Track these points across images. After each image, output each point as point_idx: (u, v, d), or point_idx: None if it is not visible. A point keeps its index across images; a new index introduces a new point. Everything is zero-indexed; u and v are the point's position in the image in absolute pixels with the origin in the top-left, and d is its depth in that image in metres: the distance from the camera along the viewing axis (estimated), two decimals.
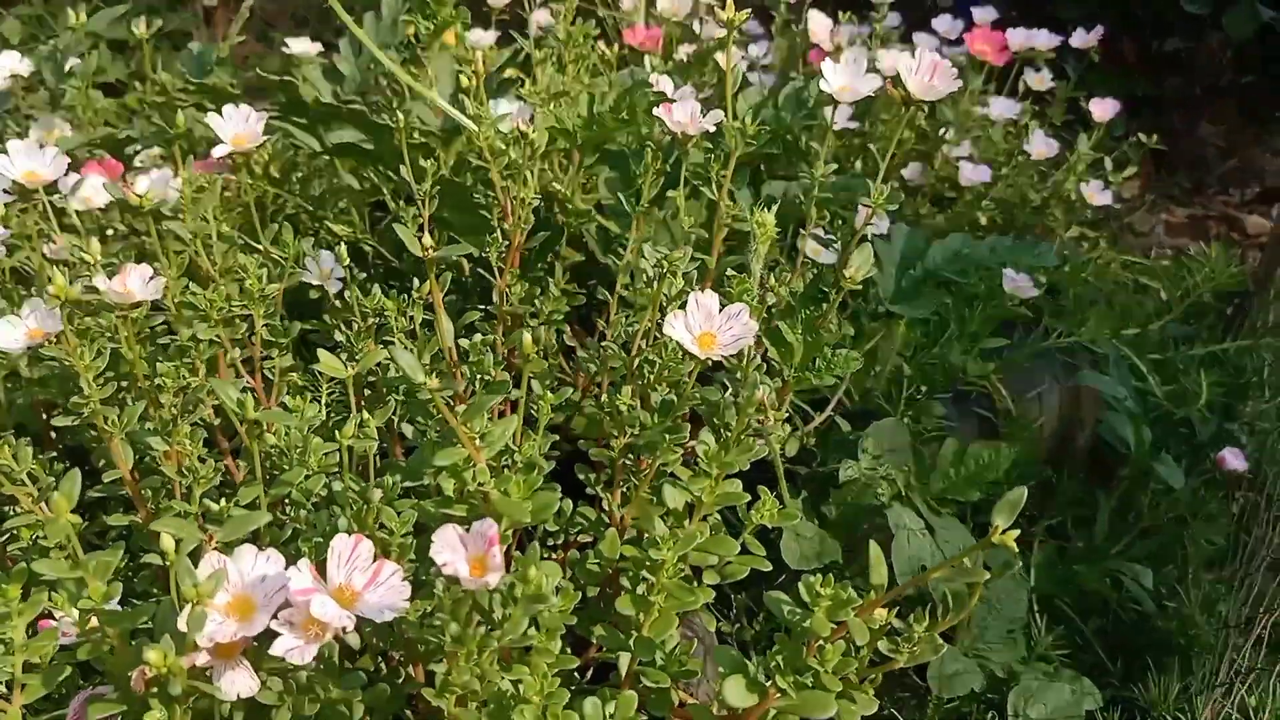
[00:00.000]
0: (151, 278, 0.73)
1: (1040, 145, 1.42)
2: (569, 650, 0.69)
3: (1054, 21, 2.49)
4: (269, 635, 0.52)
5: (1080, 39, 1.56)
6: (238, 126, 0.82)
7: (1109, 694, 1.08)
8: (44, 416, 0.97)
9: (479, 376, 0.75)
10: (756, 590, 1.02)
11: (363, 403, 0.89)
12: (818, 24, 1.40)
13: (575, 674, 0.75)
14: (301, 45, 1.32)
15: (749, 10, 0.85)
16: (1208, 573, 1.23)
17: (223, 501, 0.67)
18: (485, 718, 0.56)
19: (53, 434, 0.99)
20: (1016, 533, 0.55)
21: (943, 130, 1.36)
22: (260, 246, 0.94)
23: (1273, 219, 2.37)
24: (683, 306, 0.66)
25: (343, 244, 0.84)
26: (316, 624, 0.51)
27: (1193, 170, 2.69)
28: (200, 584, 0.48)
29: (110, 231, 1.27)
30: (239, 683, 0.53)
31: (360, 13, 1.52)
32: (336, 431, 0.67)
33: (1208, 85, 2.65)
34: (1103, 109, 1.47)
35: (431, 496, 0.65)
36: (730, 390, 0.71)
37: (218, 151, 0.81)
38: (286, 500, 0.73)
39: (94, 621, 0.54)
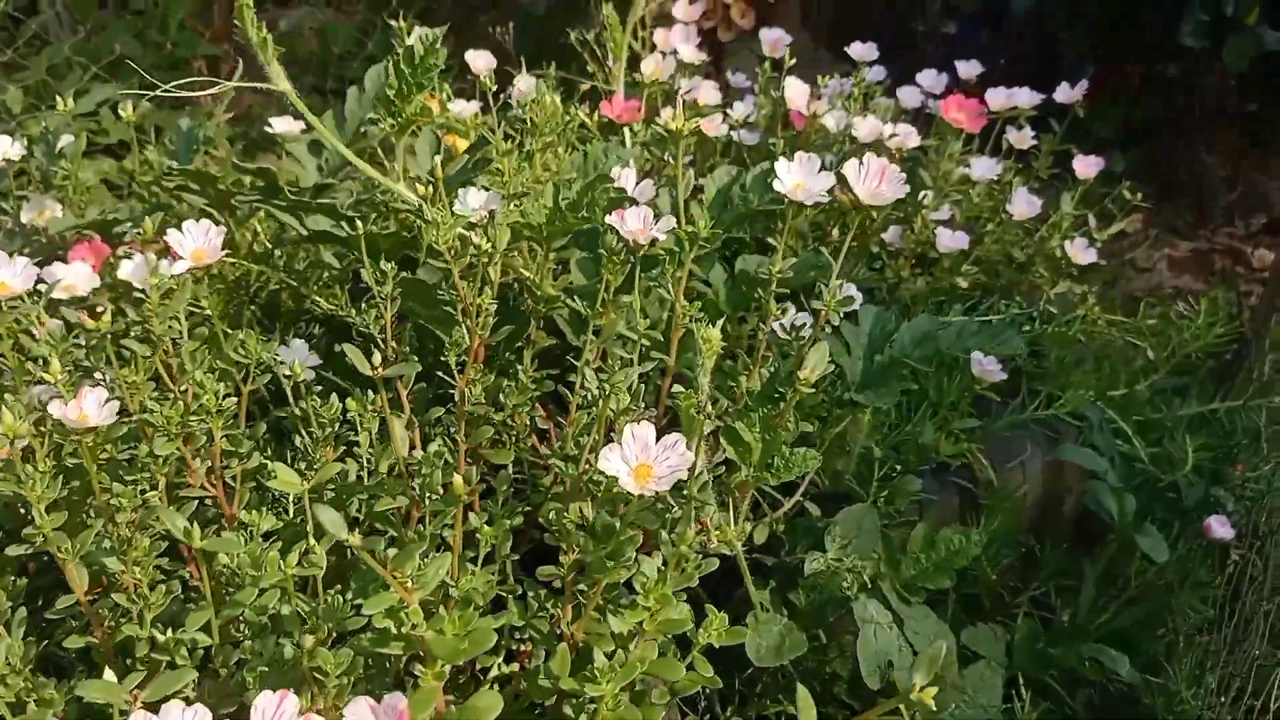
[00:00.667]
0: (107, 400, 0.74)
1: (1022, 205, 1.41)
2: None
3: (1053, 57, 2.48)
4: None
5: (1065, 94, 1.55)
6: (197, 241, 0.83)
7: None
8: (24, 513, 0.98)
9: (428, 494, 0.75)
10: (730, 678, 1.02)
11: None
12: (794, 91, 1.40)
13: None
14: (284, 124, 1.33)
15: (698, 117, 0.85)
16: (1197, 638, 1.22)
17: (170, 631, 0.67)
18: None
19: None
20: (935, 690, 0.54)
21: (921, 195, 1.35)
22: (236, 335, 0.95)
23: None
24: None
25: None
26: None
27: (1196, 201, 2.66)
28: None
29: (99, 309, 1.29)
30: None
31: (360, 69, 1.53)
32: (283, 561, 0.67)
33: (1211, 113, 2.61)
34: (1086, 166, 1.46)
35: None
36: (675, 508, 0.70)
37: (177, 268, 0.83)
38: (240, 618, 0.74)
39: None
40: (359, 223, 0.88)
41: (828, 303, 0.82)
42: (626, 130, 1.39)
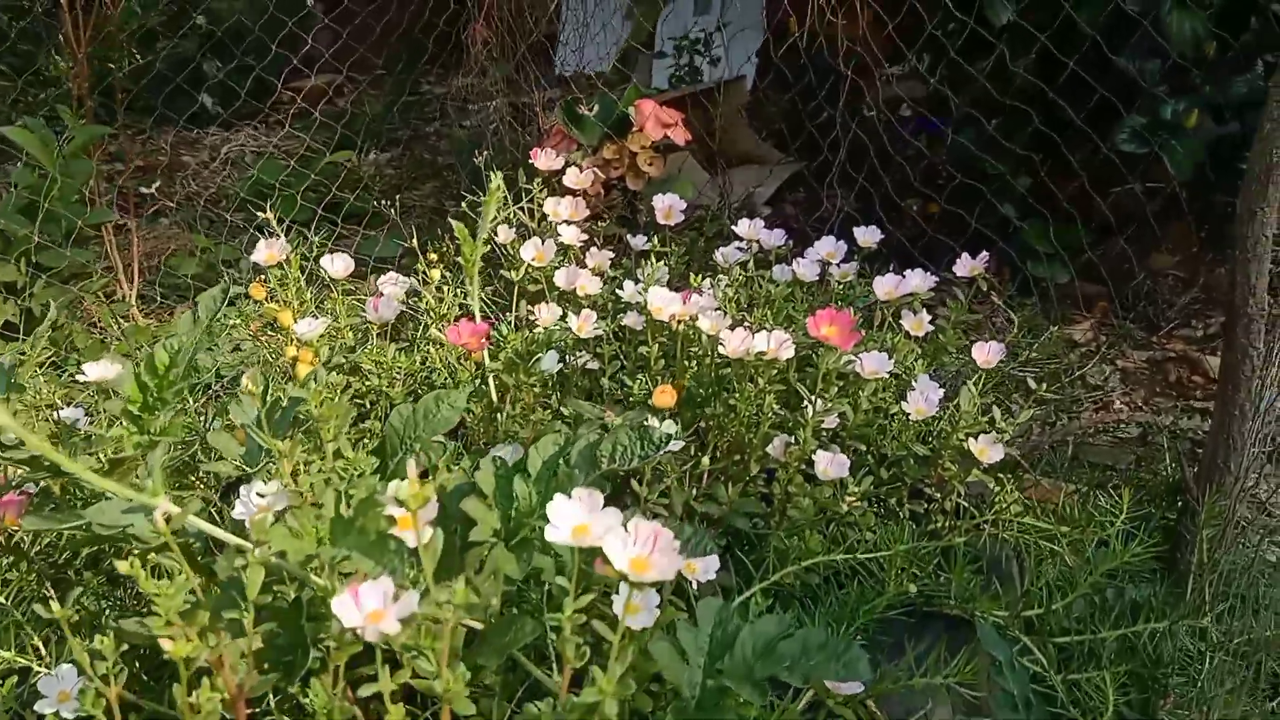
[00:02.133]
0: None
1: (919, 403, 1.26)
2: None
3: (981, 176, 2.35)
4: None
5: (964, 266, 1.41)
6: None
7: None
8: None
9: None
10: None
11: None
12: (658, 298, 1.27)
13: None
14: (98, 370, 1.20)
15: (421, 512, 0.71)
16: None
17: None
18: None
19: None
20: None
21: (804, 404, 1.21)
22: None
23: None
24: None
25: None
26: None
27: (1150, 306, 2.51)
28: None
29: None
30: None
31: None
32: None
33: (1160, 211, 2.46)
34: (985, 354, 1.31)
35: None
36: None
37: None
38: None
39: None
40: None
41: (603, 689, 0.67)
42: (485, 354, 1.25)
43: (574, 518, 0.72)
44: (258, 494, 0.88)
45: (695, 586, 1.00)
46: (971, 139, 2.31)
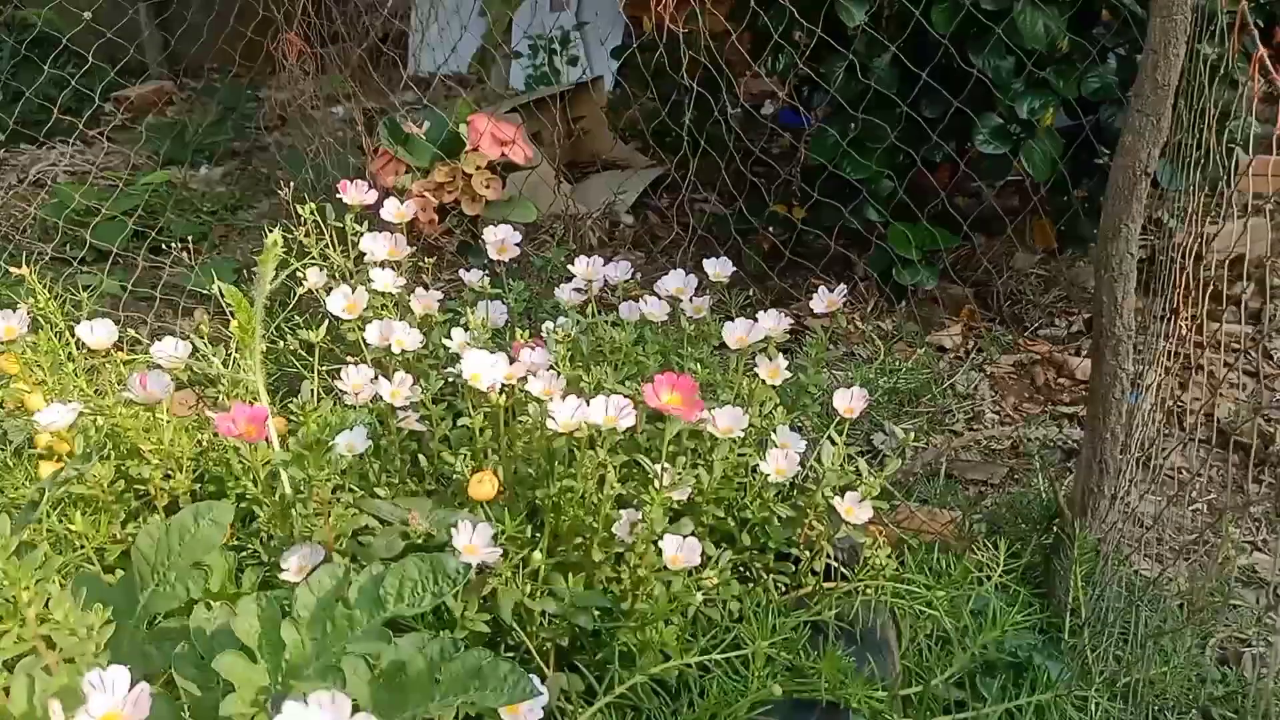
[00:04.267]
0: None
1: (779, 462, 1.11)
2: None
3: (842, 183, 2.23)
4: None
5: (821, 302, 1.26)
6: None
7: None
8: None
9: None
10: None
11: None
12: (475, 365, 1.07)
13: None
14: None
15: None
16: None
17: None
18: None
19: None
20: None
21: (651, 477, 1.04)
22: None
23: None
24: None
25: None
26: None
27: (1014, 308, 2.45)
28: None
29: None
30: None
31: None
32: None
33: (1019, 211, 2.39)
34: (849, 401, 1.17)
35: None
36: None
37: None
38: None
39: None
40: None
41: None
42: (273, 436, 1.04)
43: None
44: None
45: None
46: (832, 144, 2.18)
